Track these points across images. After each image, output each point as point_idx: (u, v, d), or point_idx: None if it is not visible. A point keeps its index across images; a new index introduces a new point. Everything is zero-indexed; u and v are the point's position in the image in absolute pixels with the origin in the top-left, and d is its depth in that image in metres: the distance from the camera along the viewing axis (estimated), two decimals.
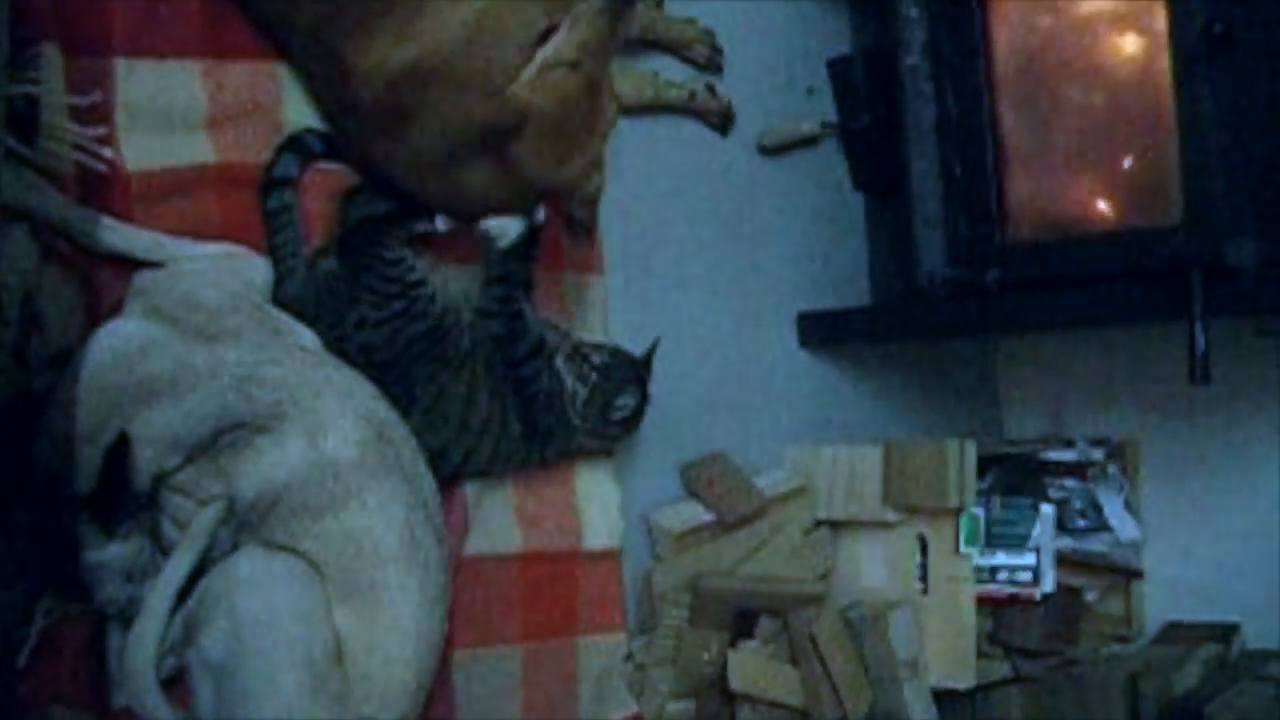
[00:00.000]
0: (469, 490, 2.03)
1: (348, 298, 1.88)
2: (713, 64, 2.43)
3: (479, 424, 1.97)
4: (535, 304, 2.06)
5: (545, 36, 1.84)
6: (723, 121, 2.46)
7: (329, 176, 1.96)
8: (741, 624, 2.24)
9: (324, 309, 1.88)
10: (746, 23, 2.49)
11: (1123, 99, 2.20)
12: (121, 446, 1.63)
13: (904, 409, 2.73)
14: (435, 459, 1.92)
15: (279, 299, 1.87)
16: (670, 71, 2.38)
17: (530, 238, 1.98)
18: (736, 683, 2.19)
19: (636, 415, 2.10)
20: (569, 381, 2.03)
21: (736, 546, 2.30)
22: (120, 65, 1.81)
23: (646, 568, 2.24)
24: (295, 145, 1.93)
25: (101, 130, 1.78)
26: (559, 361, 2.03)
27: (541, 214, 1.99)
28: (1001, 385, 2.92)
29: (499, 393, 1.97)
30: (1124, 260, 2.11)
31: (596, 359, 2.05)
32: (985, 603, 2.38)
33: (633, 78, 2.31)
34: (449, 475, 1.97)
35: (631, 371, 2.08)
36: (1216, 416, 2.54)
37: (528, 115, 1.82)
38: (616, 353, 2.09)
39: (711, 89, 2.42)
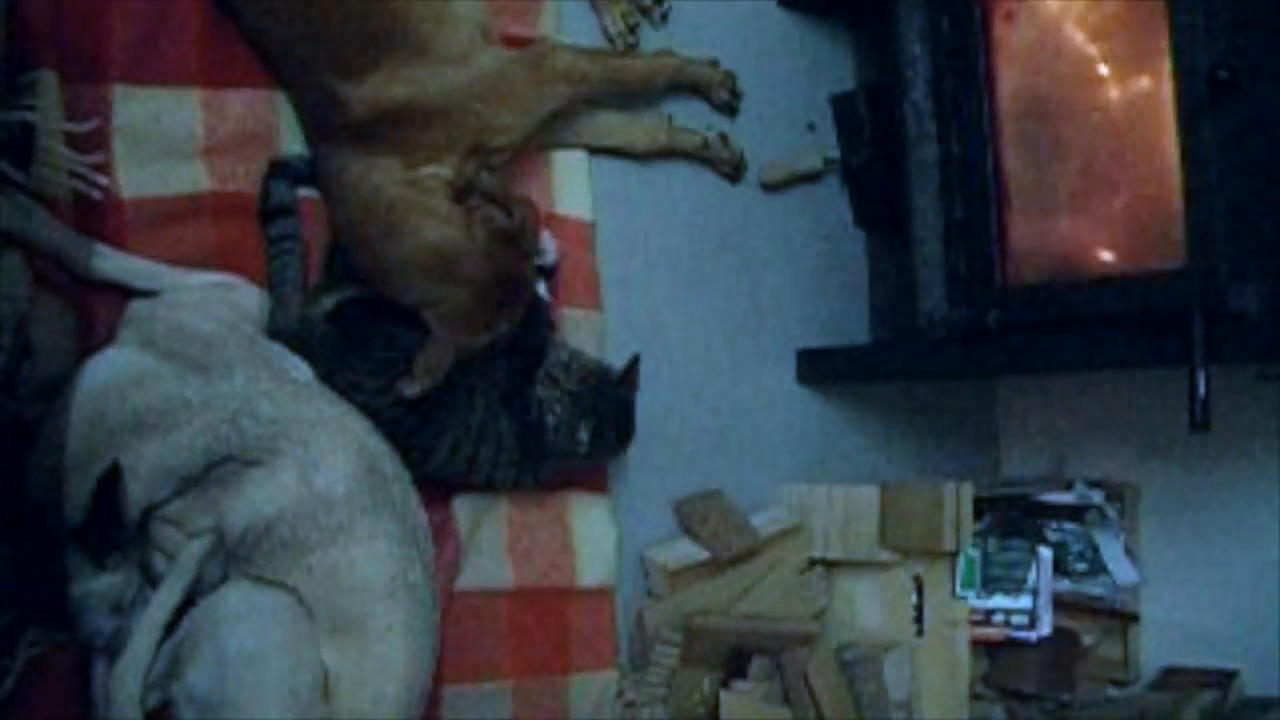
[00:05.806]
0: (462, 526, 2.02)
1: (340, 362, 1.87)
2: (730, 107, 2.44)
3: (478, 425, 1.95)
4: (556, 341, 2.08)
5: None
6: (734, 171, 2.45)
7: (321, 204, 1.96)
8: (734, 663, 2.21)
9: (316, 359, 1.86)
10: (749, 57, 2.49)
11: (1126, 142, 2.19)
12: (113, 477, 1.62)
13: (902, 448, 2.72)
14: (443, 462, 1.93)
15: (274, 327, 1.86)
16: (681, 117, 2.38)
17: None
18: None
19: (605, 446, 2.08)
20: (550, 412, 2.01)
21: (731, 584, 2.29)
22: (118, 92, 1.81)
23: (640, 604, 2.22)
24: (283, 170, 1.92)
25: (98, 157, 1.78)
26: (540, 390, 2.02)
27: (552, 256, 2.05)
28: (1000, 426, 2.91)
29: (491, 398, 1.97)
30: (1125, 304, 2.10)
31: (567, 384, 2.03)
32: (981, 645, 2.37)
33: (646, 124, 2.31)
34: (457, 474, 1.97)
35: (595, 401, 2.05)
36: (1216, 461, 2.53)
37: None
38: (588, 377, 2.06)
39: (725, 138, 2.43)
